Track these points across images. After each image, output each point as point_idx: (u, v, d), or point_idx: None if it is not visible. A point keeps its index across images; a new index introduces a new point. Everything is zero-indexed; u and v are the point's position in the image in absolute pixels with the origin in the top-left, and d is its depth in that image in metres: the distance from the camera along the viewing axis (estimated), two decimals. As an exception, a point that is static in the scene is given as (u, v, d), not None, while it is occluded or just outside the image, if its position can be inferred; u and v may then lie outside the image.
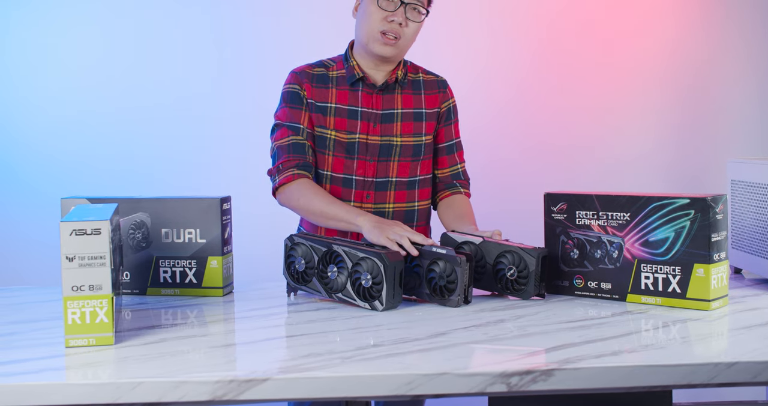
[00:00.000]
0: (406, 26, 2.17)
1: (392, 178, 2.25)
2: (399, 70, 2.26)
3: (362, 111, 2.23)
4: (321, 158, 2.23)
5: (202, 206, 2.03)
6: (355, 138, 2.22)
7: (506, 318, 1.75)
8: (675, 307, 1.81)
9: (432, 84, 2.32)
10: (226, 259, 2.06)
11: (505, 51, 3.65)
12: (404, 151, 2.25)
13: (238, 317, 1.85)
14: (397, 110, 2.25)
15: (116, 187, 3.36)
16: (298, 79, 2.25)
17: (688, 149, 3.77)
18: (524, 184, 3.58)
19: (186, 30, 3.47)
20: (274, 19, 3.50)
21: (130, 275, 2.05)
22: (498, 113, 3.64)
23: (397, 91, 2.27)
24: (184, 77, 3.47)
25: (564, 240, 1.98)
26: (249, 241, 2.69)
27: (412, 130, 2.26)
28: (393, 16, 2.15)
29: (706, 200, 1.77)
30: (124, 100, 3.45)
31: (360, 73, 2.23)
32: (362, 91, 2.24)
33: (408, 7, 2.16)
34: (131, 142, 3.45)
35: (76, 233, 1.51)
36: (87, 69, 3.43)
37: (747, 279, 2.20)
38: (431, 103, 2.30)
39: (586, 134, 3.71)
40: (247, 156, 3.31)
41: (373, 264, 1.82)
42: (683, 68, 3.76)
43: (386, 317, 1.77)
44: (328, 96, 2.23)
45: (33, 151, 3.41)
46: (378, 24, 2.16)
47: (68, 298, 1.52)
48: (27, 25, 3.39)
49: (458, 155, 2.36)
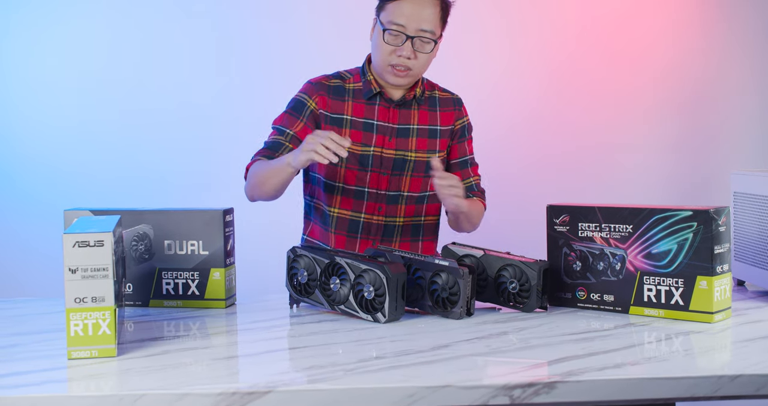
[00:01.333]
0: (415, 59, 2.17)
1: (404, 192, 2.26)
2: (417, 88, 2.27)
3: (378, 124, 2.23)
4: (334, 170, 2.24)
5: (205, 217, 2.03)
6: (369, 151, 2.22)
7: (509, 330, 1.74)
8: (678, 319, 1.81)
9: (447, 101, 2.33)
10: (229, 271, 2.06)
11: (512, 66, 3.66)
12: (418, 166, 2.25)
13: (240, 329, 1.85)
14: (413, 126, 2.26)
15: (119, 198, 3.36)
16: (312, 90, 2.26)
17: (692, 161, 3.78)
18: (527, 196, 3.59)
19: (190, 39, 3.49)
20: (280, 27, 3.51)
21: (132, 287, 2.05)
22: (501, 126, 3.64)
23: (414, 107, 2.27)
24: (187, 87, 3.49)
25: (567, 252, 1.98)
26: (252, 252, 2.70)
27: (427, 146, 2.27)
28: (400, 51, 2.15)
29: (709, 213, 1.77)
30: (127, 109, 3.46)
31: (377, 88, 2.23)
32: (379, 105, 2.24)
33: (416, 39, 2.15)
34: (134, 152, 3.46)
35: (79, 245, 1.51)
36: (89, 79, 3.44)
37: (750, 291, 2.20)
38: (446, 120, 2.31)
39: (589, 146, 3.71)
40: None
41: (375, 276, 1.82)
42: (686, 81, 3.77)
43: (389, 329, 1.77)
44: (344, 108, 2.23)
45: (35, 162, 3.42)
46: (387, 57, 2.17)
47: (71, 310, 1.52)
48: (28, 35, 3.41)
49: (472, 170, 2.37)
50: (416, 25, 2.14)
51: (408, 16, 2.13)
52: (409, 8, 2.14)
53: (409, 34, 2.14)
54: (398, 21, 2.14)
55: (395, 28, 2.14)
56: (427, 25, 2.15)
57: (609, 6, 3.71)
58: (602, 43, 3.71)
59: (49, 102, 3.42)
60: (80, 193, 3.36)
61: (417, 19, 2.14)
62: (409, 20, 2.14)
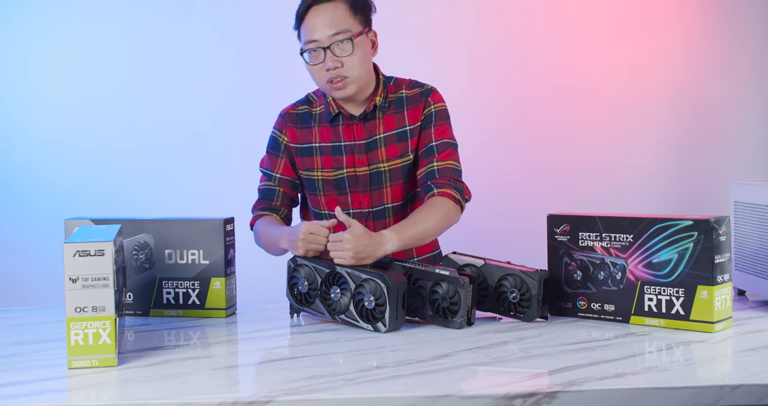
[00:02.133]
0: (342, 66, 2.11)
1: (388, 204, 2.24)
2: (377, 97, 2.20)
3: (345, 145, 2.21)
4: (315, 200, 2.26)
5: (206, 227, 2.03)
6: (342, 173, 2.21)
7: (509, 340, 1.74)
8: (679, 329, 1.81)
9: (415, 97, 2.23)
10: (229, 280, 2.06)
11: (510, 71, 3.67)
12: (394, 175, 2.23)
13: (241, 339, 1.85)
14: (379, 136, 2.22)
15: (119, 207, 3.37)
16: (281, 124, 2.27)
17: (692, 170, 3.78)
18: (527, 204, 3.59)
19: (189, 47, 3.49)
20: (279, 34, 3.52)
21: (133, 296, 2.05)
22: (501, 133, 3.65)
23: (378, 116, 2.22)
24: (188, 96, 3.49)
25: (567, 262, 1.98)
26: (252, 262, 2.69)
27: (398, 152, 2.22)
28: (325, 65, 2.10)
29: (710, 222, 1.77)
30: (127, 118, 3.47)
31: (336, 110, 2.20)
32: (342, 124, 2.21)
33: (332, 47, 2.09)
34: (135, 162, 3.46)
35: (79, 254, 1.52)
36: (89, 88, 3.45)
37: (751, 301, 2.20)
38: (414, 117, 2.22)
39: (589, 155, 3.72)
40: (251, 177, 3.32)
41: (376, 286, 1.82)
42: (687, 89, 3.77)
43: (389, 338, 1.77)
44: (311, 136, 2.23)
45: (35, 172, 3.42)
46: (321, 76, 2.13)
47: (71, 319, 1.52)
48: (26, 46, 3.42)
49: (439, 155, 2.19)
50: (324, 33, 2.09)
51: (314, 30, 2.09)
52: (312, 22, 2.10)
53: (324, 45, 2.09)
54: (310, 38, 2.10)
55: (310, 46, 2.11)
56: (333, 28, 2.09)
57: (608, 16, 3.71)
58: (602, 52, 3.72)
59: (48, 111, 3.43)
60: (81, 203, 3.36)
61: (322, 27, 2.09)
62: (317, 32, 2.09)
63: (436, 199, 2.14)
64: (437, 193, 2.14)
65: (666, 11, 3.75)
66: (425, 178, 2.18)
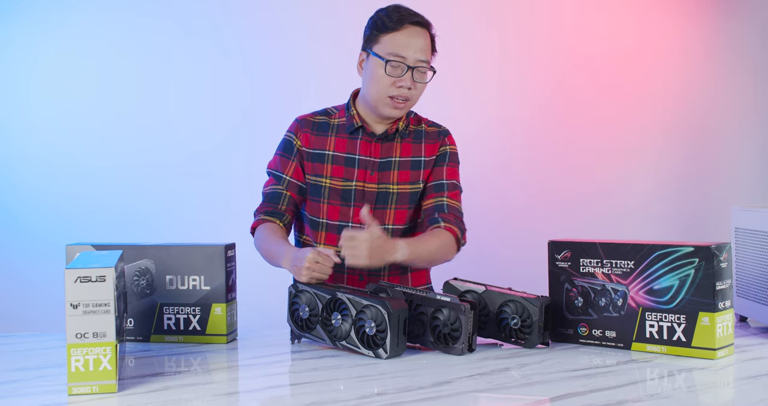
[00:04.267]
0: (414, 89, 2.19)
1: (389, 225, 2.26)
2: (400, 122, 2.28)
3: (360, 159, 2.24)
4: (316, 206, 2.25)
5: (207, 253, 2.03)
6: (351, 185, 2.23)
7: (511, 366, 1.74)
8: (680, 355, 1.80)
9: (433, 134, 2.33)
10: (230, 306, 2.06)
11: (512, 99, 3.69)
12: (401, 199, 2.26)
13: (241, 365, 1.84)
14: (395, 158, 2.26)
15: (121, 232, 3.37)
16: (297, 128, 2.29)
17: (693, 196, 3.78)
18: (528, 231, 3.59)
19: (189, 75, 3.51)
20: (281, 69, 3.54)
21: (134, 322, 2.05)
22: (502, 160, 3.66)
23: (397, 140, 2.28)
24: (188, 122, 3.50)
25: (568, 288, 1.98)
26: (253, 288, 2.69)
27: (410, 178, 2.27)
28: (401, 82, 2.16)
29: (711, 249, 1.77)
30: (129, 147, 3.48)
31: (359, 123, 2.25)
32: (361, 139, 2.25)
33: (415, 70, 2.17)
34: (136, 187, 3.47)
35: (80, 280, 1.52)
36: (91, 115, 3.47)
37: (752, 327, 2.19)
38: (430, 151, 2.31)
39: (590, 181, 3.73)
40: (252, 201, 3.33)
41: (377, 312, 1.82)
42: (687, 116, 3.79)
43: (390, 365, 1.77)
44: (326, 144, 2.25)
45: (37, 198, 3.43)
46: (386, 89, 2.18)
47: (72, 345, 1.52)
48: (28, 72, 3.43)
49: (449, 194, 2.27)
50: (415, 55, 2.16)
51: (407, 47, 2.16)
52: (406, 39, 2.17)
53: (409, 64, 2.16)
54: (399, 52, 2.16)
55: (396, 59, 2.16)
56: (423, 54, 2.18)
57: (607, 44, 3.74)
58: (601, 79, 3.73)
59: (50, 138, 3.44)
60: (82, 228, 3.37)
61: (415, 49, 2.16)
62: (409, 51, 2.16)
63: (442, 231, 2.21)
64: (443, 227, 2.22)
65: (665, 38, 3.77)
66: (434, 210, 2.25)
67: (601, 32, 3.74)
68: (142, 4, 3.46)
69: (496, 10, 3.67)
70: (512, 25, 3.69)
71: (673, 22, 3.78)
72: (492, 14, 3.67)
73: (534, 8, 3.71)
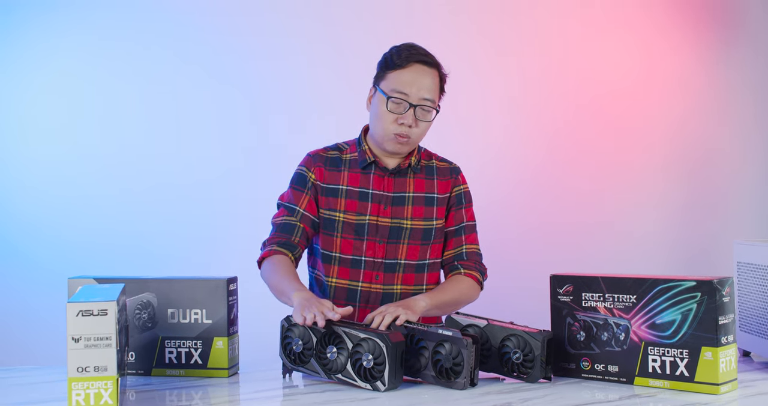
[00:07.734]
0: (416, 127, 2.20)
1: (401, 260, 2.26)
2: (413, 157, 2.29)
3: (373, 193, 2.25)
4: (329, 240, 2.25)
5: (209, 286, 2.03)
6: (365, 220, 2.24)
7: (513, 401, 1.73)
8: (683, 390, 1.80)
9: (445, 171, 2.34)
10: (232, 340, 2.05)
11: (518, 135, 3.70)
12: (414, 235, 2.26)
13: (243, 399, 1.84)
14: (408, 194, 2.27)
15: (123, 266, 3.37)
16: (310, 162, 2.30)
17: (695, 231, 3.78)
18: (530, 263, 3.59)
19: (193, 105, 3.53)
20: (285, 99, 3.56)
21: (135, 355, 2.05)
22: (503, 192, 3.66)
23: (410, 175, 2.29)
24: (191, 154, 3.51)
25: (570, 322, 1.97)
26: (255, 321, 2.68)
27: (423, 214, 2.28)
28: (403, 119, 2.18)
29: (713, 283, 1.77)
30: (130, 177, 3.48)
31: (371, 158, 2.26)
32: (374, 174, 2.27)
33: (418, 108, 2.19)
34: (138, 220, 3.47)
35: (82, 314, 1.52)
36: (92, 147, 3.47)
37: (756, 362, 2.18)
38: (443, 188, 2.32)
39: (592, 214, 3.73)
40: (256, 235, 3.34)
41: (374, 344, 1.81)
42: (689, 150, 3.80)
43: (392, 399, 1.76)
44: (339, 179, 2.26)
45: (39, 230, 3.42)
46: (390, 126, 2.19)
47: (73, 379, 1.52)
48: (29, 101, 3.44)
49: (466, 238, 2.34)
50: (419, 93, 2.18)
51: (411, 85, 2.17)
52: (411, 77, 2.18)
53: (412, 102, 2.17)
54: (402, 89, 2.17)
55: (398, 96, 2.17)
56: (428, 93, 2.19)
57: (608, 72, 3.76)
58: (602, 110, 3.75)
59: (51, 170, 3.45)
60: (84, 261, 3.36)
61: (419, 87, 2.18)
62: (412, 88, 2.17)
63: (462, 277, 2.29)
64: (463, 273, 2.29)
65: (666, 71, 3.79)
66: (453, 259, 2.32)
67: (600, 61, 3.75)
68: (141, 33, 3.47)
69: (506, 51, 3.69)
70: (518, 65, 3.71)
71: (675, 54, 3.80)
72: (502, 56, 3.69)
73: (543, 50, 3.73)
